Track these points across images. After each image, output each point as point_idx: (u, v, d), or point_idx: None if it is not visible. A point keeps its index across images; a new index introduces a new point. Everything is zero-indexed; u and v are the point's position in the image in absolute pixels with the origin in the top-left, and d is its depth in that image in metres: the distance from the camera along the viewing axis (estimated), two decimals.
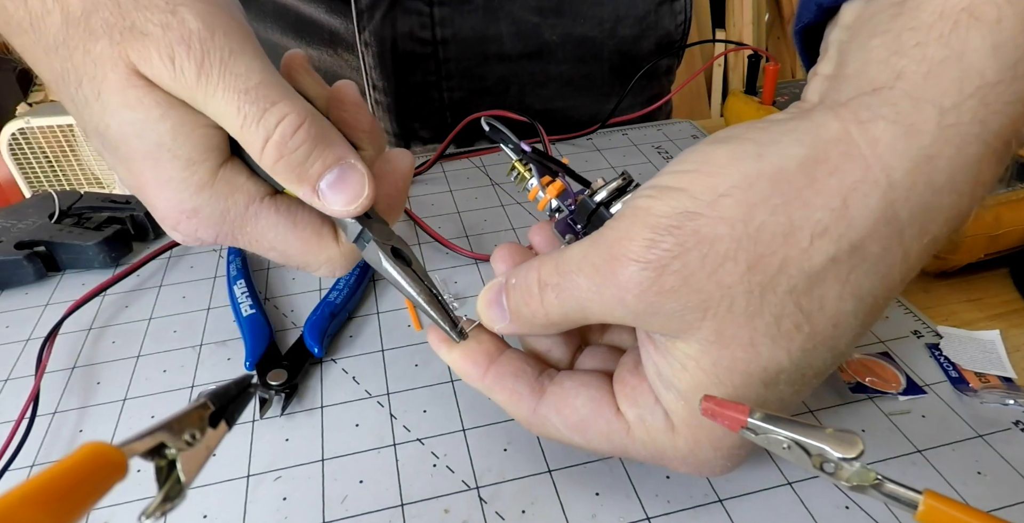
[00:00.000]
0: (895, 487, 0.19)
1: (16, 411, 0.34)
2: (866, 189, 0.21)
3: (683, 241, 0.22)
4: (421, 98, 0.61)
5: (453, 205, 0.51)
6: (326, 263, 0.31)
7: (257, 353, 0.37)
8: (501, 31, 0.59)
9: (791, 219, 0.21)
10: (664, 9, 0.63)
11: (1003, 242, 0.40)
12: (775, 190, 0.21)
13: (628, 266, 0.23)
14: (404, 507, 0.30)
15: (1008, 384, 0.34)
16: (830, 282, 0.22)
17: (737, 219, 0.22)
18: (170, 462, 0.19)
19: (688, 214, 0.22)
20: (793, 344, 0.23)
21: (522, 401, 0.27)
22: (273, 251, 0.31)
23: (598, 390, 0.27)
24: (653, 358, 0.25)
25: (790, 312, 0.22)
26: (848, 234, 0.21)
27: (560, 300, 0.25)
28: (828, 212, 0.21)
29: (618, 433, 0.26)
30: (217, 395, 0.21)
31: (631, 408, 0.26)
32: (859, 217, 0.21)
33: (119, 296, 0.44)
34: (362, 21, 0.56)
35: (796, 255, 0.21)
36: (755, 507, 0.29)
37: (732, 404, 0.21)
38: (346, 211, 0.28)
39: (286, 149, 0.27)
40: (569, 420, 0.27)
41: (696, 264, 0.22)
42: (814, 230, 0.21)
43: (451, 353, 0.29)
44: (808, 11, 0.27)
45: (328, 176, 0.28)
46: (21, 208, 0.49)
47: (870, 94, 0.21)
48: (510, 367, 0.28)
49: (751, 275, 0.22)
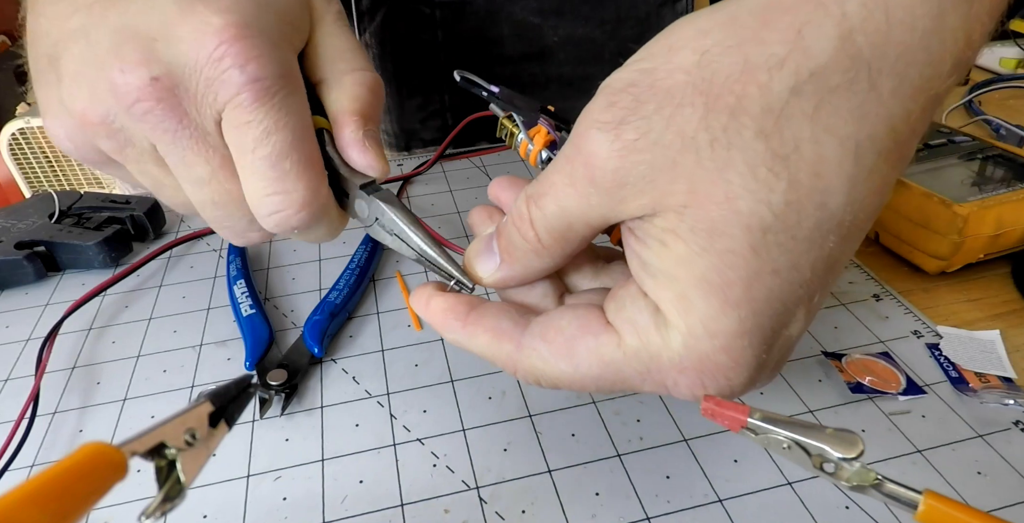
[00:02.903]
0: (895, 487, 0.19)
1: (16, 411, 0.34)
2: (819, 19, 0.20)
3: (638, 94, 0.22)
4: (422, 100, 0.61)
5: (453, 205, 0.51)
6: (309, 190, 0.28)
7: (257, 353, 0.37)
8: (502, 33, 0.59)
9: (746, 56, 0.21)
10: (666, 10, 0.63)
11: (1003, 242, 0.40)
12: (729, 34, 0.21)
13: (590, 134, 0.22)
14: (404, 507, 0.30)
15: (1008, 384, 0.34)
16: (798, 118, 0.21)
17: (691, 64, 0.21)
18: (170, 462, 0.19)
19: (643, 71, 0.22)
20: (774, 195, 0.21)
21: (504, 335, 0.26)
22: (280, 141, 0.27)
23: (585, 309, 0.25)
24: (635, 249, 0.24)
25: (763, 158, 0.21)
26: (806, 63, 0.20)
27: (542, 210, 0.24)
28: (783, 45, 0.20)
29: (608, 345, 0.24)
30: (217, 395, 0.21)
31: (618, 313, 0.24)
32: (815, 46, 0.20)
33: (119, 296, 0.44)
34: (363, 23, 0.56)
35: (755, 91, 0.21)
36: (755, 507, 0.29)
37: (732, 404, 0.21)
38: (377, 163, 0.30)
39: (378, 88, 0.31)
40: (555, 343, 0.25)
41: (653, 113, 0.21)
42: (770, 63, 0.20)
43: (430, 306, 0.27)
44: None
45: (375, 132, 0.30)
46: (21, 208, 0.49)
47: None
48: (492, 309, 0.27)
49: (711, 118, 0.21)
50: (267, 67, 0.26)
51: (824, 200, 0.21)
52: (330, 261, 0.46)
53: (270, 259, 0.47)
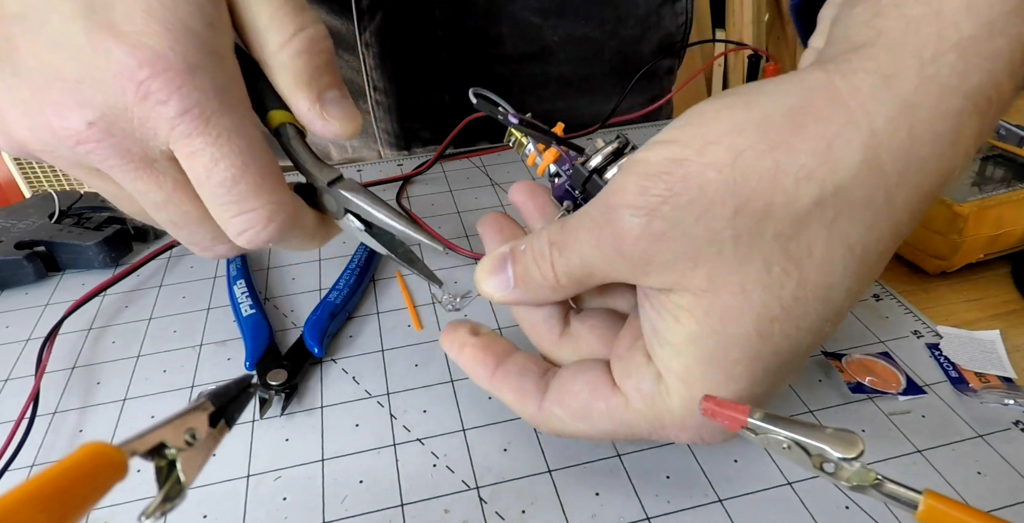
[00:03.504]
0: (895, 487, 0.19)
1: (16, 411, 0.34)
2: (849, 134, 0.21)
3: (671, 186, 0.22)
4: (422, 99, 0.61)
5: (453, 205, 0.51)
6: (273, 205, 0.28)
7: (257, 353, 0.37)
8: (502, 32, 0.59)
9: (777, 163, 0.22)
10: (665, 10, 0.63)
11: (1003, 242, 0.40)
12: (762, 136, 0.22)
13: (622, 214, 0.23)
14: (404, 507, 0.30)
15: (1008, 384, 0.34)
16: (816, 226, 0.22)
17: (724, 164, 0.22)
18: (170, 462, 0.19)
19: (677, 161, 0.23)
20: (784, 291, 0.23)
21: (528, 398, 0.28)
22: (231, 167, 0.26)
23: (594, 372, 0.28)
24: (648, 315, 0.26)
25: (779, 258, 0.22)
26: (832, 177, 0.22)
27: (565, 258, 0.26)
28: (813, 156, 0.22)
29: (618, 409, 0.27)
30: (217, 395, 0.21)
31: (626, 379, 0.27)
32: (843, 161, 0.22)
33: (119, 296, 0.44)
34: (363, 22, 0.56)
35: (782, 198, 0.22)
36: (755, 507, 0.29)
37: (732, 404, 0.21)
38: (342, 127, 0.29)
39: (314, 48, 0.28)
40: (571, 407, 0.27)
41: (685, 208, 0.22)
42: (799, 174, 0.22)
43: (462, 354, 0.30)
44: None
45: (331, 93, 0.29)
46: (21, 208, 0.49)
47: (853, 51, 0.22)
48: (516, 367, 0.29)
49: (738, 219, 0.22)
50: (191, 95, 0.25)
51: (827, 295, 0.23)
52: (330, 261, 0.46)
53: (270, 259, 0.47)
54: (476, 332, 0.30)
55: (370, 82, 0.60)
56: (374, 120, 0.62)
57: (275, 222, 0.28)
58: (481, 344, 0.30)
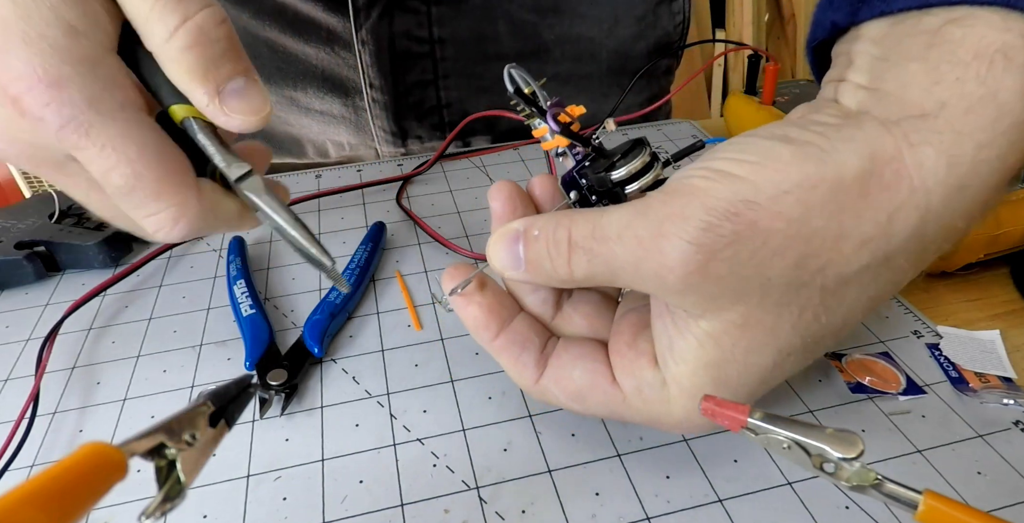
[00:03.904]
0: (895, 487, 0.19)
1: (16, 411, 0.34)
2: (909, 210, 0.23)
3: (739, 229, 0.22)
4: (418, 97, 0.61)
5: (453, 205, 0.51)
6: (176, 206, 0.27)
7: (257, 353, 0.37)
8: (498, 30, 0.59)
9: (842, 227, 0.23)
10: (662, 9, 0.63)
11: (1003, 242, 0.40)
12: (832, 197, 0.22)
13: (679, 246, 0.23)
14: (404, 507, 0.30)
15: (1008, 384, 0.34)
16: (855, 285, 0.24)
17: (794, 218, 0.22)
18: (170, 462, 0.19)
19: (749, 203, 0.22)
20: (808, 332, 0.25)
21: (526, 371, 0.29)
22: (122, 175, 0.26)
23: (594, 362, 0.28)
24: (668, 331, 0.26)
25: (814, 306, 0.24)
26: (885, 247, 0.23)
27: (591, 264, 0.25)
28: (874, 225, 0.23)
29: (614, 401, 0.28)
30: (217, 395, 0.21)
31: (628, 379, 0.28)
32: (898, 234, 0.23)
33: (119, 296, 0.44)
34: (359, 19, 0.56)
35: (838, 260, 0.23)
36: (755, 507, 0.29)
37: (732, 404, 0.21)
38: (245, 122, 0.27)
39: (203, 38, 0.25)
40: (568, 390, 0.28)
41: (747, 254, 0.23)
42: (859, 239, 0.23)
43: (466, 311, 0.30)
44: (822, 28, 0.28)
45: (234, 83, 0.27)
46: (21, 208, 0.49)
47: (918, 119, 0.23)
48: (519, 336, 0.30)
49: (794, 272, 0.23)
50: (61, 111, 0.24)
51: (839, 333, 0.26)
52: None
53: (270, 259, 0.47)
54: (483, 286, 0.30)
55: (366, 79, 0.60)
56: (370, 117, 0.62)
57: (182, 221, 0.27)
58: (487, 304, 0.29)
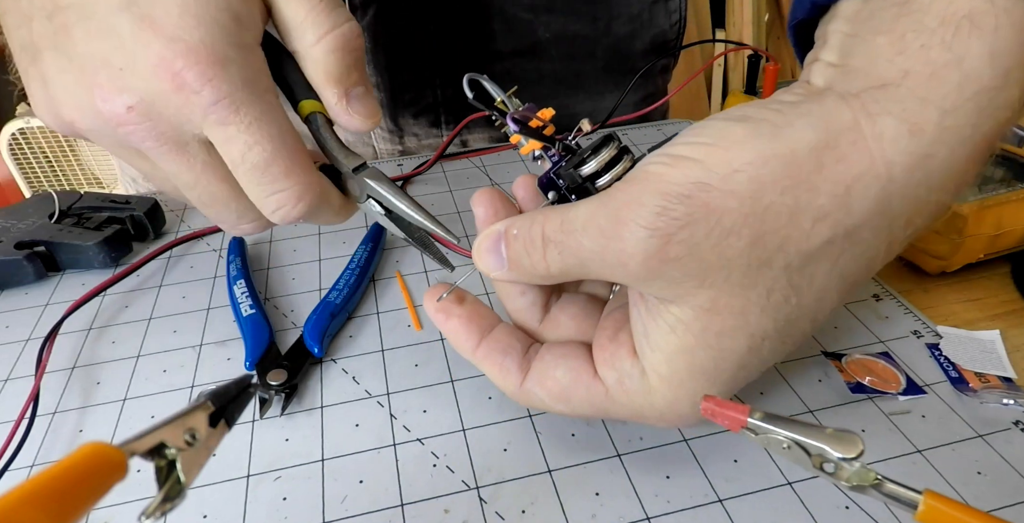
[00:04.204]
0: (895, 487, 0.19)
1: (16, 411, 0.34)
2: (868, 181, 0.22)
3: (692, 211, 0.22)
4: (414, 94, 0.61)
5: (453, 205, 0.51)
6: (302, 185, 0.30)
7: (257, 353, 0.37)
8: (494, 28, 0.59)
9: (797, 201, 0.22)
10: (658, 8, 0.63)
11: (1003, 242, 0.40)
12: (786, 171, 0.22)
13: (635, 232, 0.23)
14: (404, 507, 0.30)
15: (1008, 384, 0.34)
16: (821, 262, 0.23)
17: (747, 195, 0.22)
18: (170, 462, 0.19)
19: (701, 185, 0.22)
20: (780, 314, 0.24)
21: (510, 376, 0.29)
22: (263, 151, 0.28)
23: (576, 359, 0.28)
24: (643, 319, 0.26)
25: (781, 286, 0.24)
26: (846, 221, 0.23)
27: (562, 257, 0.26)
28: (831, 198, 0.22)
29: (598, 396, 0.28)
30: (217, 395, 0.21)
31: (609, 372, 0.27)
32: (858, 206, 0.22)
33: (119, 296, 0.44)
34: (356, 17, 0.56)
35: (796, 236, 0.23)
36: (755, 507, 0.29)
37: (732, 404, 0.21)
38: (363, 123, 0.31)
39: (346, 46, 0.30)
40: (552, 391, 0.28)
41: (702, 235, 0.23)
42: (816, 214, 0.22)
43: (447, 324, 0.30)
44: (802, 8, 0.28)
45: (358, 89, 0.31)
46: (21, 208, 0.49)
47: (879, 89, 0.22)
48: (500, 343, 0.30)
49: (752, 250, 0.23)
50: (221, 87, 0.27)
51: (816, 316, 0.25)
52: (330, 261, 0.46)
53: (270, 259, 0.47)
54: (462, 300, 0.31)
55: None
56: None
57: (304, 201, 0.30)
58: (466, 315, 0.30)
